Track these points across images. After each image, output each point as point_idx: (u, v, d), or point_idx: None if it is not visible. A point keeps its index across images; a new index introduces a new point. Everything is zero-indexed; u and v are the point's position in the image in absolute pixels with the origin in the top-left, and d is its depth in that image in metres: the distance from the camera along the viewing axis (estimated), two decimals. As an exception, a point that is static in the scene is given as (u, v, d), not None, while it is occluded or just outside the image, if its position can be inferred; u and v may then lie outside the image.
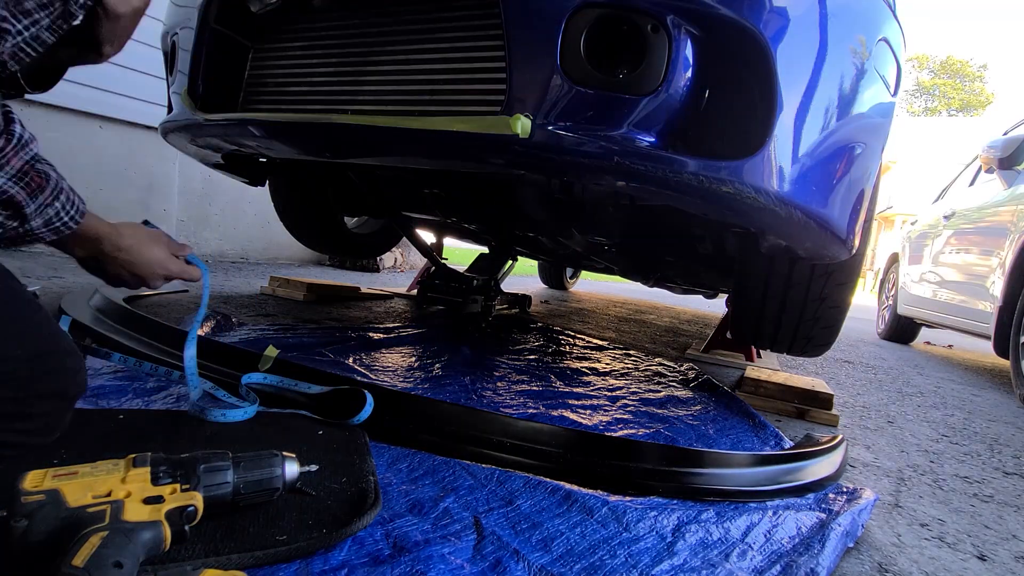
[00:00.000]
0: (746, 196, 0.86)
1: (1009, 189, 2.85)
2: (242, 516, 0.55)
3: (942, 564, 0.75)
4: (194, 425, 0.77)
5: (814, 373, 2.22)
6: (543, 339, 1.99)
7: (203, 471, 0.53)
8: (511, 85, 0.87)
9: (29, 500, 0.44)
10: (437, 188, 1.63)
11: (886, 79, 1.07)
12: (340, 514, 0.59)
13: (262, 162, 1.69)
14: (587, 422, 1.09)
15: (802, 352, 1.59)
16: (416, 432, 0.84)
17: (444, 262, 2.47)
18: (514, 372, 1.41)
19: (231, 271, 3.09)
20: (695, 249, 1.60)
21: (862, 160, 1.05)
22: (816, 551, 0.68)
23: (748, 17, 0.81)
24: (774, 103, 0.83)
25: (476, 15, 0.93)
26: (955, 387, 2.45)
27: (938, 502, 0.99)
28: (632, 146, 0.84)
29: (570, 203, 1.43)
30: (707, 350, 2.20)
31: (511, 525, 0.64)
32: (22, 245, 0.74)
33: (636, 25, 0.82)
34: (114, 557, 0.41)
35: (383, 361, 1.36)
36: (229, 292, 2.23)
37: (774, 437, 1.16)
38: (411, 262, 4.78)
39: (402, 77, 1.01)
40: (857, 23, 0.98)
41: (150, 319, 1.14)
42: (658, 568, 0.60)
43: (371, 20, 1.05)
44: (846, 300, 1.44)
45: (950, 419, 1.73)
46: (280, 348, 1.05)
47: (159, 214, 3.24)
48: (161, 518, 0.47)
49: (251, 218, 3.80)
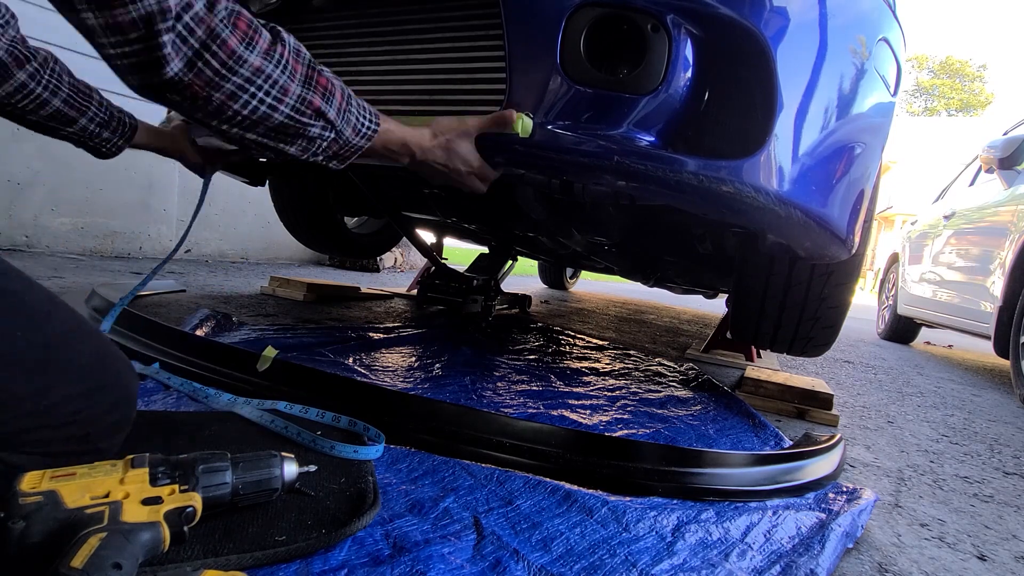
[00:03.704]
0: (746, 196, 0.86)
1: (1009, 189, 2.85)
2: (241, 517, 0.55)
3: (942, 564, 0.75)
4: (193, 426, 0.77)
5: (814, 373, 2.22)
6: (543, 339, 1.99)
7: (202, 472, 0.52)
8: (511, 84, 0.87)
9: (27, 501, 0.44)
10: (437, 188, 1.63)
11: (886, 79, 1.07)
12: (340, 514, 0.59)
13: (262, 162, 1.69)
14: (587, 422, 1.09)
15: (802, 352, 1.59)
16: (416, 432, 0.84)
17: (444, 262, 2.47)
18: (514, 372, 1.41)
19: (231, 271, 3.08)
20: (695, 249, 1.60)
21: (862, 160, 1.05)
22: (816, 551, 0.68)
23: (748, 17, 0.81)
24: (774, 103, 0.83)
25: (476, 14, 0.93)
26: (955, 387, 2.45)
27: (938, 502, 0.98)
28: (632, 145, 0.84)
29: (570, 203, 1.43)
30: (707, 350, 2.20)
31: (511, 525, 0.64)
32: (345, 162, 0.75)
33: (636, 25, 0.82)
34: (113, 558, 0.41)
35: (383, 361, 1.36)
36: (229, 292, 2.23)
37: (774, 437, 1.16)
38: (411, 262, 4.78)
39: (402, 76, 1.01)
40: (857, 23, 0.98)
41: (149, 319, 1.13)
42: (658, 568, 0.60)
43: (370, 19, 1.05)
44: (846, 300, 1.44)
45: (950, 419, 1.73)
46: (280, 348, 1.05)
47: (159, 214, 3.24)
48: (160, 519, 0.46)
49: (251, 218, 3.79)
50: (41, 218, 2.73)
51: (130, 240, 3.12)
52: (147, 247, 3.21)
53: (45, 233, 2.75)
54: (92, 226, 2.94)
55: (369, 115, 0.75)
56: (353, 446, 0.73)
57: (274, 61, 0.63)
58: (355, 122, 0.72)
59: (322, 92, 0.67)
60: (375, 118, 0.75)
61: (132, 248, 3.14)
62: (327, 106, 0.68)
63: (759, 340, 1.59)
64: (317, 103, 0.67)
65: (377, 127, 0.75)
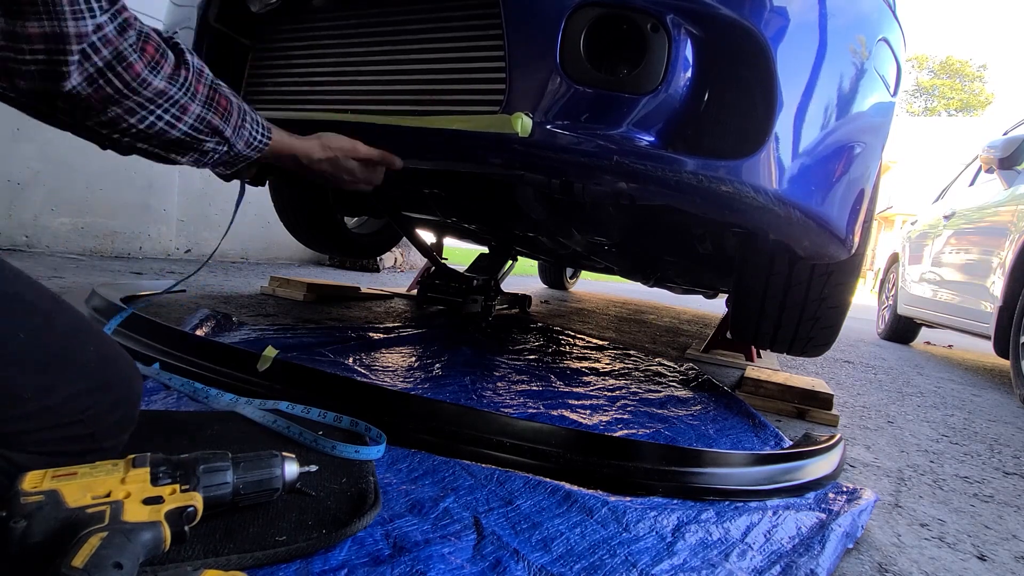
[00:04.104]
0: (745, 195, 0.86)
1: (1009, 189, 2.85)
2: (242, 516, 0.55)
3: (942, 564, 0.75)
4: (194, 426, 0.77)
5: (814, 373, 2.22)
6: (543, 339, 1.99)
7: (203, 472, 0.52)
8: (511, 84, 0.87)
9: (28, 501, 0.44)
10: (437, 188, 1.63)
11: (886, 79, 1.07)
12: (340, 514, 0.59)
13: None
14: (587, 422, 1.09)
15: (802, 352, 1.59)
16: (416, 432, 0.84)
17: (444, 262, 2.47)
18: (514, 372, 1.41)
19: (231, 271, 3.09)
20: (695, 249, 1.60)
21: (862, 160, 1.05)
22: (816, 551, 0.68)
23: (748, 17, 0.81)
24: (774, 103, 0.83)
25: (476, 14, 0.93)
26: (955, 387, 2.45)
27: (938, 502, 0.99)
28: (631, 145, 0.84)
29: (570, 203, 1.43)
30: (707, 350, 2.20)
31: (511, 525, 0.64)
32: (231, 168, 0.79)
33: (636, 24, 0.82)
34: (114, 558, 0.41)
35: (383, 361, 1.36)
36: (229, 292, 2.23)
37: (774, 437, 1.16)
38: (411, 262, 4.78)
39: (402, 76, 1.01)
40: (857, 23, 0.98)
41: (148, 319, 1.13)
42: (658, 568, 0.60)
43: (371, 19, 1.05)
44: (846, 300, 1.44)
45: (950, 419, 1.73)
46: (280, 348, 1.05)
47: (159, 214, 3.24)
48: (161, 519, 0.46)
49: (251, 218, 3.79)
50: (41, 218, 2.73)
51: (130, 240, 3.12)
52: (147, 247, 3.21)
53: (45, 233, 2.75)
54: (92, 226, 2.94)
55: (262, 129, 0.79)
56: (354, 446, 0.74)
57: (178, 84, 0.65)
58: (247, 136, 0.76)
59: (221, 112, 0.70)
60: (267, 132, 0.81)
61: (132, 248, 3.14)
62: (224, 124, 0.71)
63: (759, 340, 1.59)
64: (215, 122, 0.70)
65: (268, 140, 0.81)
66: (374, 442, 0.78)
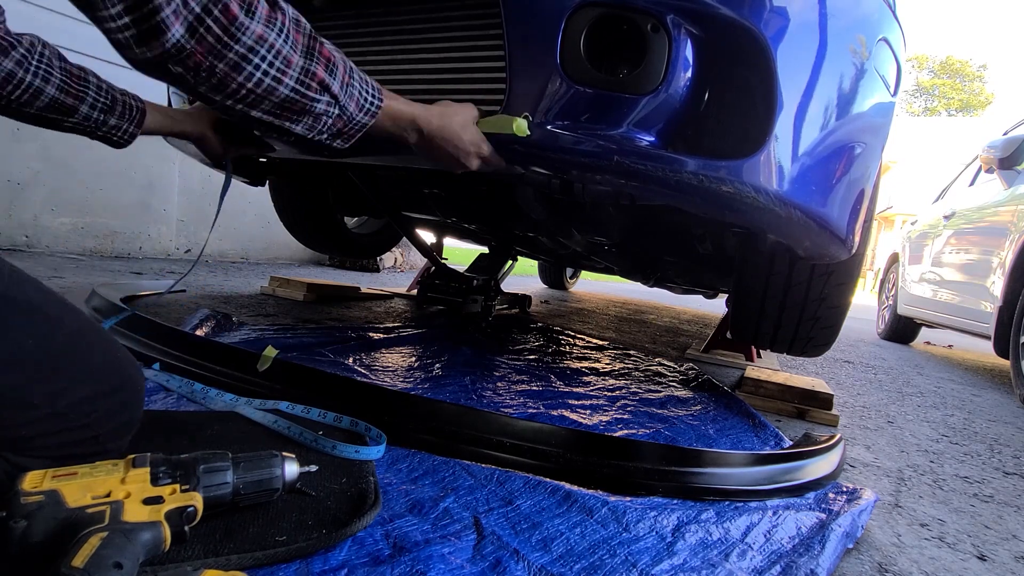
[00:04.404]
0: (745, 195, 0.86)
1: (1009, 189, 2.85)
2: (242, 516, 0.55)
3: (942, 564, 0.75)
4: (194, 426, 0.77)
5: (814, 373, 2.22)
6: (543, 339, 1.99)
7: (203, 471, 0.52)
8: (511, 84, 0.87)
9: (28, 501, 0.44)
10: (437, 188, 1.63)
11: (886, 79, 1.07)
12: (340, 514, 0.59)
13: (262, 162, 1.69)
14: (587, 422, 1.09)
15: (802, 352, 1.59)
16: (416, 432, 0.84)
17: (444, 262, 2.47)
18: (514, 372, 1.41)
19: (231, 271, 3.09)
20: (695, 249, 1.60)
21: (862, 160, 1.05)
22: (816, 551, 0.68)
23: (748, 17, 0.81)
24: (774, 103, 0.83)
25: (476, 14, 0.93)
26: (955, 387, 2.45)
27: (938, 502, 0.99)
28: (632, 145, 0.84)
29: (570, 203, 1.43)
30: (707, 350, 2.20)
31: (511, 525, 0.64)
32: (349, 140, 0.72)
33: (636, 25, 0.82)
34: (114, 558, 0.41)
35: (383, 361, 1.36)
36: (229, 292, 2.23)
37: (774, 437, 1.16)
38: (411, 262, 4.78)
39: (402, 76, 1.01)
40: (857, 23, 0.98)
41: (148, 319, 1.13)
42: (658, 568, 0.60)
43: (370, 19, 1.05)
44: (846, 300, 1.44)
45: (950, 419, 1.73)
46: (280, 348, 1.05)
47: (159, 214, 3.24)
48: (161, 519, 0.47)
49: (251, 218, 3.79)
50: (41, 218, 2.73)
51: (130, 240, 3.12)
52: (147, 247, 3.21)
53: (45, 233, 2.75)
54: (92, 226, 2.94)
55: (372, 89, 0.72)
56: (354, 446, 0.74)
57: (276, 29, 0.60)
58: (358, 97, 0.69)
59: (325, 64, 0.64)
60: (378, 92, 0.73)
61: (132, 248, 3.14)
62: (331, 79, 0.65)
63: (759, 340, 1.59)
64: (321, 75, 0.64)
65: (381, 102, 0.73)
66: (374, 442, 0.78)
